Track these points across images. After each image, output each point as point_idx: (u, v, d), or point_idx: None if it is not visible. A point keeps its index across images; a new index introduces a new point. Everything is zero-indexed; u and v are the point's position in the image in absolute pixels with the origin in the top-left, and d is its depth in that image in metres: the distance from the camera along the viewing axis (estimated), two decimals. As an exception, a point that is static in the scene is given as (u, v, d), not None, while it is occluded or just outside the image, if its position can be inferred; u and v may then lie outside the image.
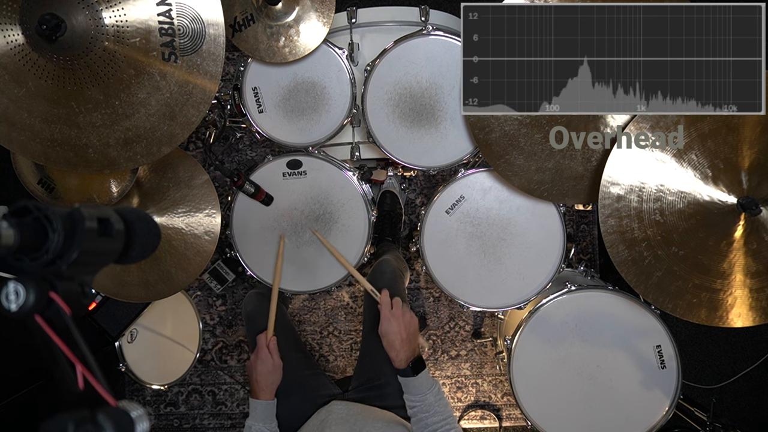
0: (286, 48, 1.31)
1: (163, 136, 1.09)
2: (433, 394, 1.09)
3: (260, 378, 1.18)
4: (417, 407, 1.09)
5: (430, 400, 1.08)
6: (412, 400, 1.11)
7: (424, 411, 1.08)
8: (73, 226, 0.46)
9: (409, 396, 1.12)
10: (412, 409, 1.10)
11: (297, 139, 1.44)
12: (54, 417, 0.38)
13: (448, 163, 1.40)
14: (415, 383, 1.10)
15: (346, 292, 2.08)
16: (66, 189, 1.24)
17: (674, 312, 1.23)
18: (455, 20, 1.50)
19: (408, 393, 1.12)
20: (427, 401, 1.08)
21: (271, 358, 1.21)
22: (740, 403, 1.97)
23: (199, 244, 1.34)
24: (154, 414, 2.12)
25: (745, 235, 1.17)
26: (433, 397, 1.09)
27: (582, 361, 1.40)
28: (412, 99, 1.36)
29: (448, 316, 2.07)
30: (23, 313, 0.43)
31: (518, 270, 1.43)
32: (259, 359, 1.20)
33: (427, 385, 1.10)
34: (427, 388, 1.09)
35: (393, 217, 1.88)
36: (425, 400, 1.08)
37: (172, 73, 1.06)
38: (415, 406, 1.10)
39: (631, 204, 1.19)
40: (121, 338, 1.66)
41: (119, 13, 1.00)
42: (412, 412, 1.10)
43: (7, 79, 1.00)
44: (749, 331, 1.30)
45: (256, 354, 1.21)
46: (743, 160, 1.16)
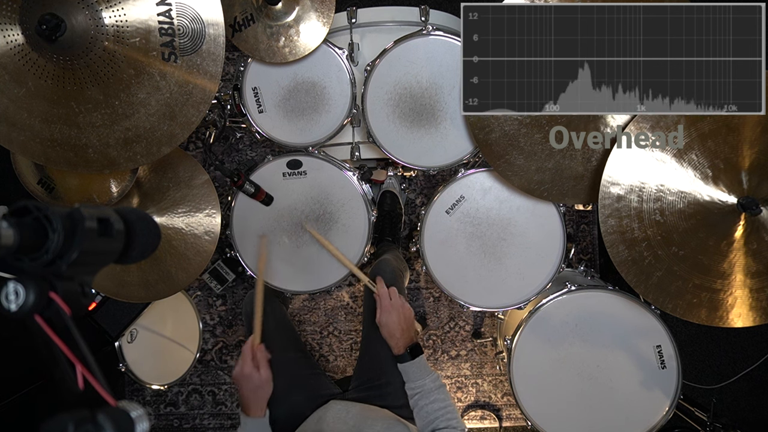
0: (286, 48, 1.31)
1: (163, 136, 1.09)
2: (431, 380, 1.11)
3: (248, 394, 1.10)
4: (417, 394, 1.11)
5: (429, 386, 1.10)
6: (412, 388, 1.12)
7: (424, 397, 1.09)
8: (73, 226, 0.46)
9: (409, 384, 1.13)
10: (413, 398, 1.12)
11: (297, 139, 1.43)
12: (54, 417, 0.38)
13: (448, 163, 1.40)
14: (413, 368, 1.12)
15: (346, 292, 2.08)
16: (66, 189, 1.24)
17: (674, 312, 1.23)
18: (455, 20, 1.50)
19: (408, 381, 1.14)
20: (426, 387, 1.10)
21: (257, 373, 1.10)
22: (740, 403, 1.97)
23: (199, 244, 1.34)
24: (154, 414, 2.12)
25: (745, 235, 1.17)
26: (432, 384, 1.10)
27: (582, 361, 1.40)
28: (412, 99, 1.36)
29: (448, 316, 2.07)
30: (23, 313, 0.43)
31: (518, 270, 1.43)
32: (244, 376, 1.09)
33: (425, 370, 1.13)
34: (426, 373, 1.12)
35: (393, 217, 1.88)
36: (424, 386, 1.10)
37: (172, 73, 1.06)
38: (416, 394, 1.11)
39: (631, 204, 1.19)
40: (121, 338, 1.66)
41: (119, 13, 1.00)
42: (414, 401, 1.12)
43: (7, 79, 1.00)
44: (749, 331, 1.30)
45: (241, 368, 1.10)
46: (743, 160, 1.16)
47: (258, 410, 1.12)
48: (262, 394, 1.12)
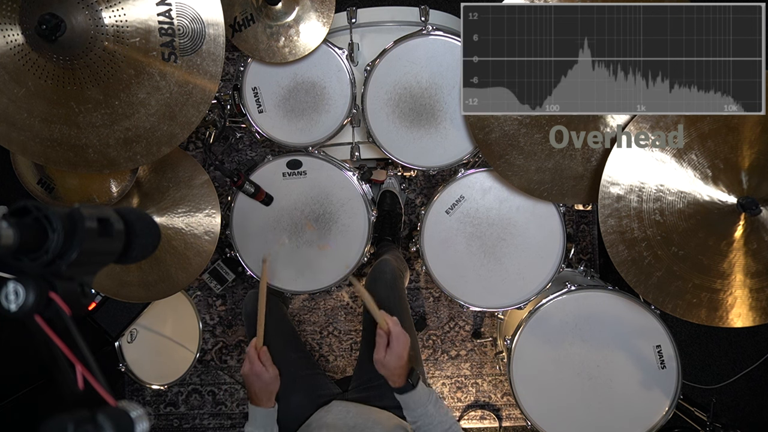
0: (286, 48, 1.31)
1: (163, 136, 1.09)
2: (432, 403, 1.07)
3: (259, 391, 1.14)
4: (420, 421, 1.07)
5: (431, 411, 1.06)
6: (414, 416, 1.07)
7: (428, 423, 1.06)
8: (72, 226, 0.46)
9: (409, 413, 1.08)
10: (416, 424, 1.07)
11: (297, 139, 1.43)
12: (54, 417, 0.38)
13: (448, 163, 1.40)
14: (414, 397, 1.06)
15: (346, 292, 2.08)
16: (66, 189, 1.24)
17: (674, 312, 1.23)
18: (455, 20, 1.50)
19: (408, 410, 1.08)
20: (428, 413, 1.06)
21: (266, 371, 1.15)
22: (740, 403, 1.97)
23: (199, 244, 1.34)
24: (154, 414, 2.12)
25: (745, 235, 1.17)
26: (433, 407, 1.06)
27: (582, 361, 1.40)
28: (412, 99, 1.36)
29: (448, 316, 2.07)
30: (23, 313, 0.43)
31: (518, 270, 1.43)
32: (254, 374, 1.14)
33: (426, 395, 1.07)
34: (426, 398, 1.07)
35: (393, 217, 1.88)
36: (427, 413, 1.06)
37: (172, 73, 1.05)
38: (418, 421, 1.07)
39: (630, 204, 1.19)
40: (121, 338, 1.66)
41: (119, 13, 1.00)
42: (416, 426, 1.07)
43: (7, 79, 1.00)
44: (749, 331, 1.30)
45: (250, 367, 1.15)
46: (743, 160, 1.16)
47: (269, 402, 1.17)
48: (273, 389, 1.18)
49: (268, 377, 1.15)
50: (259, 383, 1.15)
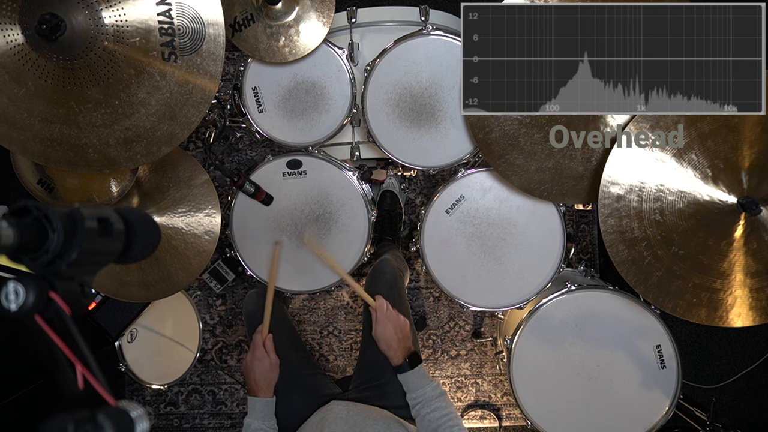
0: (286, 48, 1.31)
1: (163, 135, 1.09)
2: (431, 388, 1.11)
3: (259, 378, 1.18)
4: (419, 403, 1.10)
5: (430, 394, 1.10)
6: (413, 398, 1.12)
7: (425, 406, 1.09)
8: (72, 226, 0.46)
9: (410, 394, 1.13)
10: (415, 408, 1.12)
11: (297, 139, 1.43)
12: (54, 417, 0.38)
13: (448, 163, 1.40)
14: (413, 378, 1.12)
15: (346, 292, 2.08)
16: (66, 189, 1.24)
17: (674, 312, 1.23)
18: (455, 20, 1.50)
19: (409, 391, 1.13)
20: (426, 396, 1.10)
21: (267, 357, 1.20)
22: (740, 403, 1.97)
23: (199, 244, 1.34)
24: (154, 414, 2.12)
25: (745, 235, 1.17)
26: (432, 392, 1.10)
27: (582, 361, 1.40)
28: (412, 99, 1.36)
29: (448, 315, 2.07)
30: (23, 313, 0.43)
31: (518, 270, 1.43)
32: (256, 359, 1.19)
33: (425, 379, 1.13)
34: (426, 382, 1.12)
35: (393, 216, 1.88)
36: (425, 395, 1.10)
37: (172, 73, 1.05)
38: (417, 403, 1.11)
39: (630, 204, 1.19)
40: (121, 338, 1.66)
41: (119, 12, 1.00)
42: (415, 411, 1.11)
43: (7, 79, 1.00)
44: (749, 331, 1.30)
45: (252, 353, 1.20)
46: (743, 159, 1.16)
47: (268, 392, 1.20)
48: (272, 378, 1.21)
49: (269, 363, 1.20)
50: (261, 368, 1.18)
